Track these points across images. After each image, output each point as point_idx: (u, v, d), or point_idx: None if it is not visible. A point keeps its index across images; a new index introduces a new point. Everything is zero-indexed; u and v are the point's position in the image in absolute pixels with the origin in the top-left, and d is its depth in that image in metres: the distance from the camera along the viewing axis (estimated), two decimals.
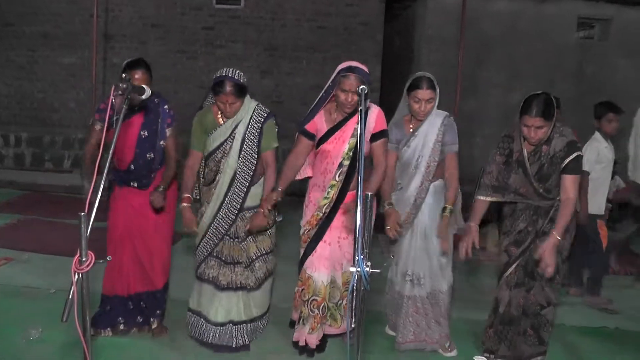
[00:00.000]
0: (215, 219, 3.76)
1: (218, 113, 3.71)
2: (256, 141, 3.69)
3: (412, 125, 3.86)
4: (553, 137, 3.57)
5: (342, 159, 3.70)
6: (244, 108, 3.69)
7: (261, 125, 3.70)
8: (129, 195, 3.83)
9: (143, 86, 2.75)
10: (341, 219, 3.77)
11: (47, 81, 10.47)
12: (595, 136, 5.04)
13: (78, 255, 2.14)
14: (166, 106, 3.80)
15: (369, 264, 2.15)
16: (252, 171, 3.71)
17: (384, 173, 3.73)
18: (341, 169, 3.71)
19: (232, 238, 3.81)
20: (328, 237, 3.77)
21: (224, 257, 3.82)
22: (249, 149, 3.69)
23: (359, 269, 2.13)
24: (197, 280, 3.92)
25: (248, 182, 3.72)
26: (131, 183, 3.81)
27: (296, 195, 4.17)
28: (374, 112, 3.68)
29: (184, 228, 3.71)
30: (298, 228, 3.93)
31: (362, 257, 2.14)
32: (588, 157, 4.84)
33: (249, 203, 3.75)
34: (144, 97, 2.74)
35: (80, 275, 2.14)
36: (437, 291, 3.91)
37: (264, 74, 10.24)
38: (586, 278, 5.26)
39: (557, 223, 3.53)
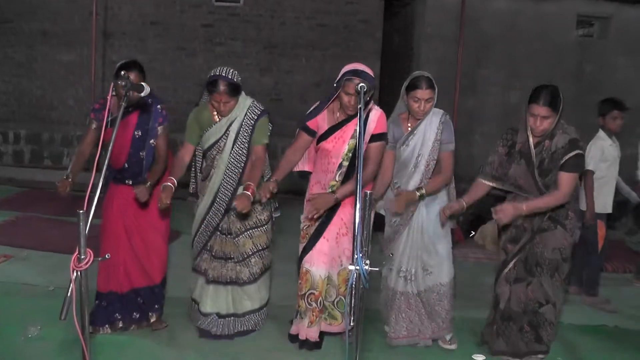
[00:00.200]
0: (208, 214, 3.84)
1: (214, 110, 3.73)
2: (248, 137, 3.73)
3: (410, 123, 3.87)
4: (556, 133, 3.60)
5: (342, 160, 3.74)
6: (239, 106, 3.71)
7: (254, 122, 3.73)
8: (125, 192, 3.85)
9: (142, 84, 2.75)
10: (340, 216, 3.80)
11: (46, 78, 10.45)
12: (599, 134, 4.97)
13: (77, 252, 2.14)
14: (159, 106, 3.81)
15: (368, 262, 2.15)
16: (242, 168, 3.76)
17: (373, 172, 3.75)
18: (341, 170, 3.76)
19: (225, 234, 3.87)
20: (327, 234, 3.81)
21: (215, 252, 3.90)
22: (241, 145, 3.73)
23: (358, 268, 2.13)
24: (193, 271, 4.05)
25: (237, 178, 3.77)
26: (126, 181, 3.86)
27: (295, 193, 4.17)
28: (376, 115, 3.70)
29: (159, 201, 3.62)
30: (298, 226, 3.95)
31: (361, 256, 2.14)
32: (592, 156, 4.81)
33: None
34: (143, 95, 2.74)
35: (78, 273, 2.14)
36: (438, 284, 3.92)
37: (264, 72, 10.23)
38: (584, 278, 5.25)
39: (533, 201, 3.59)
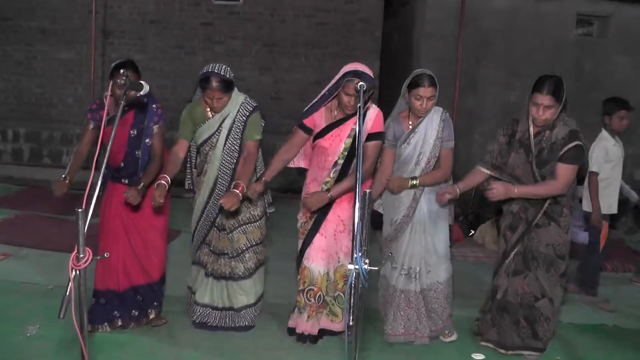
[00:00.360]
0: (206, 208, 3.88)
1: (207, 107, 3.76)
2: (240, 133, 3.76)
3: (411, 122, 3.87)
4: (557, 125, 3.64)
5: (338, 158, 3.77)
6: (232, 102, 3.74)
7: (246, 118, 3.76)
8: (123, 191, 3.82)
9: (141, 82, 2.74)
10: (337, 213, 3.84)
11: (46, 77, 10.43)
12: (602, 134, 4.91)
13: (75, 251, 2.14)
14: (154, 105, 3.81)
15: (367, 262, 2.15)
16: (235, 164, 3.79)
17: (369, 171, 3.79)
18: (336, 167, 3.79)
19: (219, 230, 3.91)
20: (324, 230, 3.85)
21: (212, 247, 3.96)
22: (233, 141, 3.76)
23: (357, 267, 2.13)
24: (193, 264, 4.11)
25: (231, 173, 3.80)
26: (122, 180, 3.87)
27: (294, 191, 4.19)
28: (373, 113, 3.72)
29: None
30: (296, 224, 3.99)
31: (360, 255, 2.14)
32: (596, 157, 4.78)
33: None
34: (143, 93, 2.74)
35: (77, 271, 2.14)
36: (436, 283, 3.95)
37: (263, 70, 10.22)
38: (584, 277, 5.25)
39: (527, 187, 3.64)
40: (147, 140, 3.80)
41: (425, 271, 3.92)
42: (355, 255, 2.13)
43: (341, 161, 3.77)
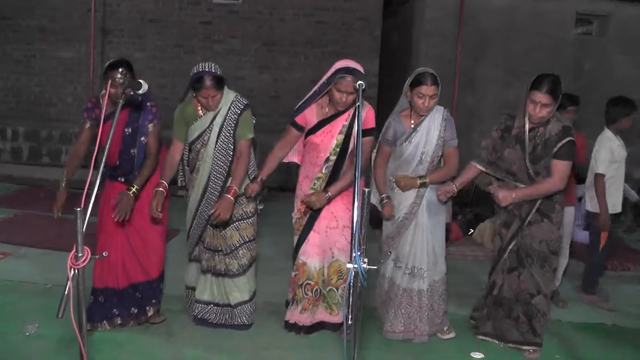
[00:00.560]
0: (200, 206, 3.89)
1: (198, 105, 3.78)
2: (232, 131, 3.77)
3: (413, 120, 3.88)
4: (550, 121, 3.69)
5: (330, 154, 3.80)
6: (222, 100, 3.76)
7: (238, 116, 3.77)
8: (120, 189, 3.83)
9: (140, 81, 2.74)
10: (330, 210, 3.88)
11: (45, 75, 10.42)
12: (607, 135, 4.86)
13: (74, 250, 2.14)
14: (149, 103, 3.81)
15: (366, 260, 2.15)
16: (229, 161, 3.80)
17: (363, 167, 3.77)
18: (328, 163, 3.82)
19: (213, 227, 3.92)
20: (318, 227, 3.91)
21: (206, 244, 3.99)
22: (225, 139, 3.77)
23: (356, 266, 2.12)
24: (190, 261, 4.14)
25: (225, 172, 3.81)
26: (119, 179, 3.88)
27: (292, 190, 4.20)
28: (365, 110, 3.75)
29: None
30: (291, 222, 4.05)
31: (359, 254, 2.14)
32: (603, 158, 4.75)
33: None
34: (141, 92, 2.73)
35: (76, 270, 2.14)
36: (432, 281, 3.99)
37: (262, 69, 10.21)
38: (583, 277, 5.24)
39: (530, 187, 3.68)
40: (143, 138, 3.80)
41: (427, 269, 3.94)
42: (354, 254, 2.13)
43: (333, 157, 3.80)
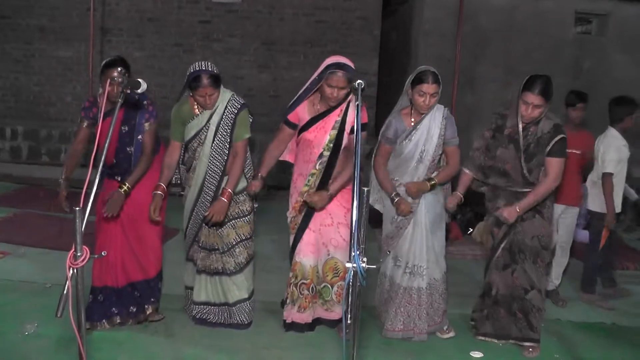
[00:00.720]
0: (196, 205, 3.89)
1: (194, 104, 3.78)
2: (229, 130, 3.77)
3: (414, 118, 3.88)
4: (541, 119, 3.74)
5: (323, 150, 3.81)
6: (219, 98, 3.76)
7: (235, 115, 3.78)
8: (117, 187, 3.84)
9: (139, 80, 2.73)
10: (324, 208, 3.88)
11: (44, 74, 10.42)
12: (613, 134, 4.86)
13: (73, 250, 2.13)
14: (146, 101, 3.81)
15: (365, 260, 2.14)
16: (225, 160, 3.80)
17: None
18: (321, 159, 3.82)
19: (208, 225, 3.91)
20: (313, 225, 3.93)
21: (202, 243, 3.98)
22: (222, 138, 3.77)
23: (355, 265, 2.12)
24: (186, 261, 4.13)
25: (221, 171, 3.81)
26: (116, 177, 3.88)
27: (285, 188, 4.21)
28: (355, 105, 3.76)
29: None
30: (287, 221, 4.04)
31: (359, 253, 2.13)
32: (611, 158, 4.76)
33: None
34: (140, 91, 2.73)
35: (75, 270, 2.13)
36: (432, 279, 4.00)
37: (262, 68, 10.22)
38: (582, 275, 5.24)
39: (528, 196, 3.71)
40: (140, 137, 3.81)
41: (426, 267, 3.95)
42: (353, 253, 2.13)
43: (327, 153, 3.81)
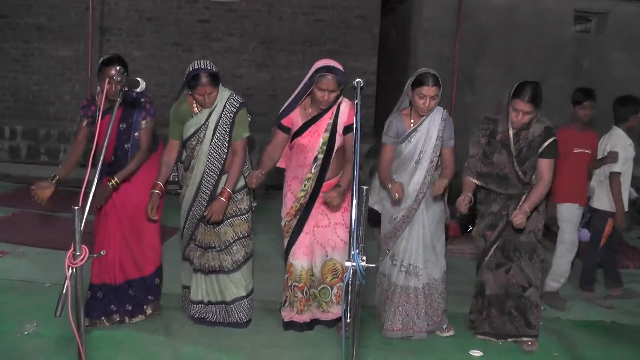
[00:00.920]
0: (193, 205, 3.89)
1: (193, 102, 3.79)
2: (228, 129, 3.78)
3: (413, 120, 3.88)
4: (532, 123, 3.77)
5: (317, 153, 3.82)
6: (218, 97, 3.77)
7: (234, 114, 3.78)
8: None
9: (138, 79, 2.73)
10: (321, 207, 3.90)
11: (43, 74, 10.42)
12: (618, 133, 4.86)
13: (72, 249, 2.13)
14: (143, 99, 3.81)
15: (364, 259, 2.14)
16: (224, 159, 3.80)
17: (350, 160, 3.78)
18: (316, 162, 3.83)
19: (205, 224, 3.91)
20: (307, 228, 3.93)
21: (198, 242, 3.97)
22: (221, 136, 3.77)
23: (355, 264, 2.12)
24: (183, 260, 4.12)
25: (219, 170, 3.81)
26: (114, 174, 3.85)
27: (275, 188, 4.22)
28: (347, 106, 3.82)
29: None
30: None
31: (358, 252, 2.13)
32: (619, 157, 4.75)
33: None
34: (139, 90, 2.72)
35: (74, 269, 2.13)
36: (432, 279, 4.00)
37: (260, 68, 10.21)
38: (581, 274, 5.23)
39: (528, 198, 3.74)
40: (136, 134, 3.82)
41: (424, 267, 3.95)
42: (352, 252, 2.12)
43: (321, 156, 3.82)
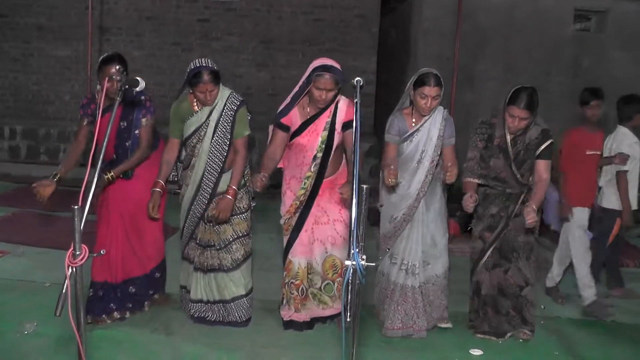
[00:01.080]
0: (193, 204, 3.89)
1: (194, 101, 3.79)
2: (229, 128, 3.79)
3: (414, 119, 3.89)
4: (529, 127, 3.83)
5: (316, 152, 3.84)
6: (219, 95, 3.78)
7: (234, 112, 3.79)
8: (119, 184, 3.88)
9: (137, 78, 2.73)
10: (320, 205, 3.92)
11: (42, 74, 10.41)
12: (623, 131, 4.86)
13: (72, 248, 2.13)
14: (143, 97, 3.82)
15: (364, 257, 2.14)
16: (224, 157, 3.81)
17: (350, 157, 3.83)
18: (315, 161, 3.85)
19: (205, 222, 3.92)
20: (307, 225, 3.95)
21: (198, 240, 3.97)
22: (222, 135, 3.78)
23: (354, 263, 2.12)
24: (182, 259, 4.11)
25: (220, 168, 3.82)
26: None
27: (274, 187, 4.22)
28: (345, 104, 3.84)
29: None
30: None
31: (358, 251, 2.13)
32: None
33: (223, 188, 3.83)
34: (139, 89, 2.72)
35: (74, 269, 2.13)
36: (434, 276, 4.01)
37: (260, 67, 10.21)
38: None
39: (534, 198, 3.77)
40: (137, 132, 3.83)
41: (423, 265, 3.95)
42: (352, 251, 2.12)
43: (320, 154, 3.84)
